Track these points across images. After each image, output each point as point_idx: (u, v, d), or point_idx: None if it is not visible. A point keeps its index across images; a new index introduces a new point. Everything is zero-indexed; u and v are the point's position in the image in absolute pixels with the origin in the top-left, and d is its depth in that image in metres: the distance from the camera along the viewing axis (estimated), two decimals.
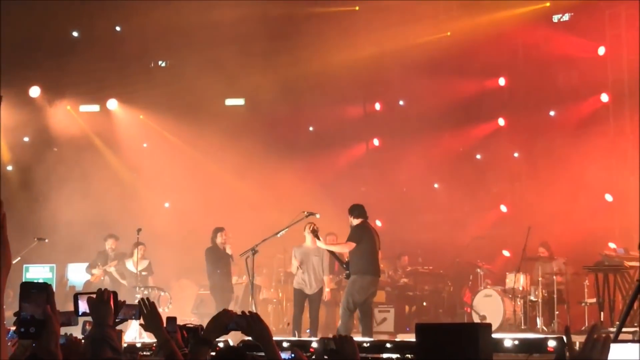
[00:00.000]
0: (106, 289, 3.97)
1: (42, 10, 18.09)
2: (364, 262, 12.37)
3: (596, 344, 3.02)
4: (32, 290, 3.07)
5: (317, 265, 13.51)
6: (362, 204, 12.80)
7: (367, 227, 12.58)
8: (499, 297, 15.17)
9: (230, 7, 18.43)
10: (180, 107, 20.04)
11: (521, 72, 19.37)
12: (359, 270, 12.34)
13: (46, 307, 3.02)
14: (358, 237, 12.39)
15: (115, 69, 19.97)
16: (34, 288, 3.07)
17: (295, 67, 19.60)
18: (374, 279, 12.47)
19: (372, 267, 12.43)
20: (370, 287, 12.41)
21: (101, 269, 15.63)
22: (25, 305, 3.06)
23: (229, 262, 14.67)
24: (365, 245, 12.38)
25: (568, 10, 18.66)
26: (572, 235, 16.69)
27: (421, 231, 18.53)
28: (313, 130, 21.58)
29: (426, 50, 18.68)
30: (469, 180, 19.44)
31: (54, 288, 3.38)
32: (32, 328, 3.06)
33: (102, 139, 20.54)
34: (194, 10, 18.52)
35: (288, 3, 19.19)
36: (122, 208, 18.53)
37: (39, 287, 3.07)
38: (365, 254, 12.39)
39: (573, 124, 18.59)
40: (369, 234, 12.50)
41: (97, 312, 3.90)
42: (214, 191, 19.33)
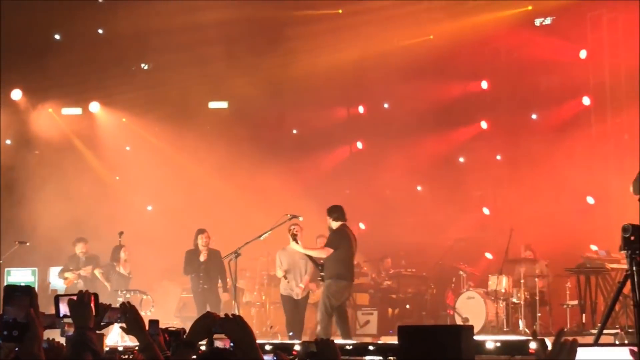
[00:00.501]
0: (87, 291, 3.95)
1: (24, 13, 17.99)
2: (340, 267, 12.33)
3: (563, 347, 3.18)
4: (16, 293, 3.06)
5: (304, 269, 13.53)
6: (342, 206, 12.74)
7: (346, 232, 12.51)
8: (482, 299, 15.20)
9: (214, 9, 18.41)
10: (163, 110, 19.99)
11: (503, 75, 19.47)
12: (334, 274, 12.28)
13: (29, 311, 3.00)
14: (336, 243, 12.36)
15: (98, 71, 19.88)
16: (17, 291, 3.06)
17: (278, 70, 19.62)
18: (348, 283, 12.49)
19: (347, 273, 12.42)
20: (345, 291, 12.43)
21: (75, 273, 15.49)
22: (8, 308, 3.04)
23: (211, 264, 14.51)
24: (343, 251, 12.34)
25: (550, 13, 18.75)
26: (554, 237, 16.76)
27: (404, 234, 18.56)
28: (297, 133, 21.59)
29: (409, 53, 18.75)
30: (451, 183, 19.48)
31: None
32: (15, 331, 3.05)
33: (84, 142, 20.45)
34: (177, 12, 18.48)
35: (272, 6, 19.18)
36: (105, 211, 18.45)
37: (23, 290, 3.06)
38: (342, 260, 12.35)
39: (555, 127, 18.70)
40: (347, 239, 12.46)
41: (78, 314, 3.88)
42: (197, 194, 19.31)
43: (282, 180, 18.90)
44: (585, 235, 16.64)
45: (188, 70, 19.62)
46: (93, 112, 20.48)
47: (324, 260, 12.42)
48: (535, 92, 18.98)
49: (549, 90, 18.66)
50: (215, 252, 14.57)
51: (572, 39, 18.21)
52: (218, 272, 14.47)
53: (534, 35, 18.76)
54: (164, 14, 18.47)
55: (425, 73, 19.16)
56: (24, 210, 18.22)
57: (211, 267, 14.48)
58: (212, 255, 14.54)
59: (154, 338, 4.72)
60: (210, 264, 14.49)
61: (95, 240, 16.68)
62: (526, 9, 18.30)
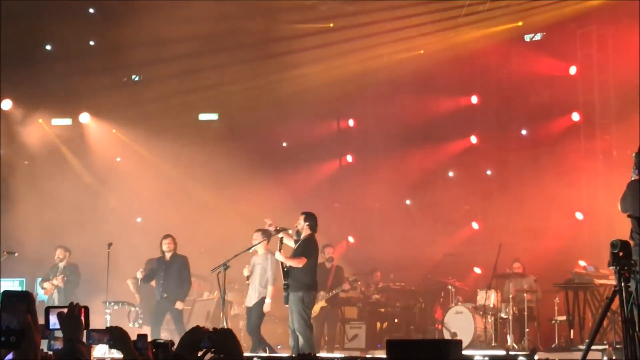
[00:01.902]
0: (77, 304, 3.95)
1: (15, 23, 17.98)
2: (310, 278, 12.30)
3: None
4: (13, 299, 3.04)
5: (259, 276, 13.39)
6: (314, 214, 12.69)
7: (315, 241, 12.55)
8: (470, 314, 15.22)
9: (204, 22, 18.43)
10: (154, 122, 19.96)
11: (493, 91, 19.55)
12: (305, 286, 12.22)
13: (27, 317, 2.99)
14: (310, 253, 12.32)
15: (88, 82, 19.84)
16: (14, 297, 3.04)
17: (269, 82, 19.66)
18: (316, 293, 12.76)
19: (315, 283, 12.46)
20: (314, 301, 12.70)
21: (51, 283, 15.42)
22: (5, 314, 3.03)
23: (172, 271, 14.25)
24: (312, 261, 12.37)
25: (540, 30, 18.84)
26: (543, 252, 16.83)
27: (393, 247, 18.55)
28: (287, 146, 21.59)
29: (399, 68, 18.83)
30: (441, 197, 19.52)
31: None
32: (12, 337, 3.04)
33: (73, 153, 20.40)
34: (168, 24, 18.48)
35: (263, 18, 19.22)
36: (94, 222, 18.40)
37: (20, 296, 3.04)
38: (311, 269, 12.34)
39: (544, 143, 18.77)
40: (316, 248, 12.55)
41: (68, 326, 3.87)
42: (187, 206, 19.29)
43: (272, 193, 18.89)
44: (573, 251, 16.71)
45: (178, 81, 19.62)
46: (83, 123, 20.44)
47: (288, 268, 12.26)
48: (525, 107, 19.04)
49: (538, 106, 18.71)
50: (180, 258, 14.38)
51: (562, 55, 18.30)
52: (179, 278, 14.22)
53: (524, 51, 18.85)
54: (155, 25, 18.45)
55: (416, 87, 19.24)
56: (12, 220, 18.15)
57: (172, 274, 14.23)
58: (176, 261, 14.33)
59: (142, 352, 4.70)
60: (173, 270, 14.25)
61: (84, 251, 16.66)
62: (516, 25, 18.38)
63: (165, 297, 14.10)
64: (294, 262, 12.33)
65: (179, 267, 14.25)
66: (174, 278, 14.19)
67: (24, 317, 3.07)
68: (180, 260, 14.34)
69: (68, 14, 18.80)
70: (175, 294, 14.16)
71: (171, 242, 14.39)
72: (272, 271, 13.36)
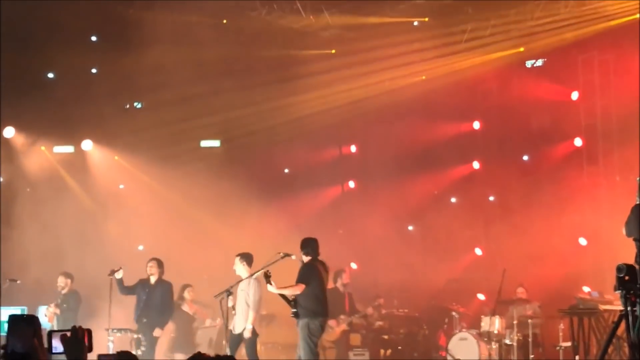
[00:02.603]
0: (80, 327, 3.91)
1: (18, 51, 18.04)
2: (314, 304, 12.27)
3: None
4: (20, 324, 3.02)
5: (244, 302, 13.24)
6: (315, 239, 12.66)
7: (315, 266, 12.45)
8: (475, 340, 15.15)
9: (206, 49, 18.51)
10: (156, 148, 19.96)
11: (495, 116, 19.55)
12: (310, 312, 12.21)
13: (33, 341, 2.97)
14: (307, 278, 12.27)
15: (90, 109, 19.86)
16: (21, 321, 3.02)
17: (270, 109, 19.67)
18: (323, 319, 12.43)
19: (321, 309, 12.34)
20: (322, 328, 12.38)
21: (50, 310, 15.31)
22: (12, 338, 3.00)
23: (155, 296, 14.08)
24: (314, 286, 12.29)
25: (541, 55, 18.89)
26: (547, 278, 16.77)
27: (396, 274, 18.51)
28: (289, 172, 21.59)
29: (401, 93, 18.84)
30: (443, 223, 19.46)
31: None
32: None
33: (76, 180, 20.40)
34: (170, 52, 18.55)
35: (264, 46, 19.28)
36: (96, 249, 18.34)
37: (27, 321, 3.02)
38: (314, 295, 12.29)
39: (547, 168, 18.77)
40: (317, 273, 12.40)
41: (72, 349, 3.83)
42: (189, 232, 19.21)
43: (274, 219, 18.85)
44: (577, 277, 16.69)
45: (180, 108, 19.63)
46: (85, 150, 20.45)
47: (296, 297, 12.26)
48: (527, 132, 19.05)
49: (540, 131, 18.74)
50: (164, 284, 14.23)
51: (564, 80, 18.34)
52: (161, 305, 14.05)
53: (526, 77, 18.89)
54: (157, 54, 18.52)
55: (418, 113, 19.26)
56: (14, 247, 18.10)
57: (155, 300, 14.06)
58: (160, 287, 14.18)
59: None
60: (156, 295, 14.09)
61: (86, 279, 16.60)
62: (518, 51, 18.42)
63: (144, 322, 13.90)
64: (288, 291, 12.29)
65: (162, 294, 14.11)
66: (157, 304, 14.04)
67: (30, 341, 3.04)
68: (165, 286, 14.20)
69: (70, 42, 18.85)
70: (156, 320, 13.98)
71: (154, 266, 14.23)
72: (255, 297, 13.17)
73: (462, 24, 18.27)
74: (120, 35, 18.79)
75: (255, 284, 13.12)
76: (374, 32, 18.40)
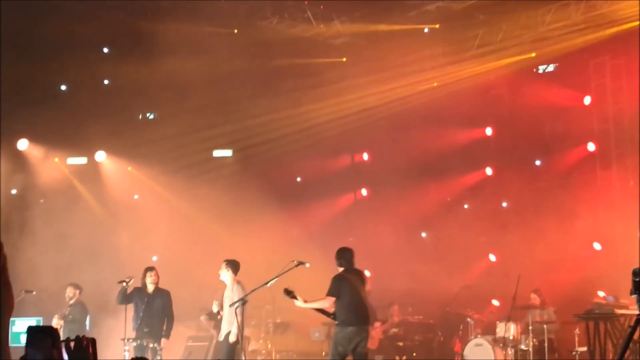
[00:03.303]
0: (84, 336, 3.93)
1: (30, 63, 18.13)
2: (346, 313, 12.25)
3: None
4: (38, 335, 3.04)
5: (227, 308, 13.17)
6: (348, 249, 12.70)
7: (344, 277, 12.41)
8: (490, 346, 15.11)
9: (217, 60, 18.55)
10: (169, 159, 20.02)
11: (508, 122, 19.52)
12: (341, 321, 12.23)
13: (52, 351, 2.99)
14: (336, 291, 12.30)
15: (103, 121, 19.94)
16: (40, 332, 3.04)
17: (282, 118, 19.68)
18: (355, 328, 12.24)
19: (353, 318, 12.29)
20: (354, 337, 12.22)
21: (54, 322, 15.31)
22: (30, 350, 3.02)
23: (154, 303, 13.98)
24: (345, 297, 12.25)
25: (553, 60, 18.86)
26: (562, 284, 16.72)
27: (410, 281, 18.48)
28: (301, 181, 21.61)
29: (413, 101, 18.84)
30: (457, 229, 19.43)
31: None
32: None
33: (89, 191, 20.46)
34: (181, 63, 18.61)
35: (276, 54, 19.32)
36: (110, 260, 18.37)
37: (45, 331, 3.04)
38: (345, 306, 12.26)
39: (560, 173, 18.73)
40: (347, 283, 12.37)
41: (77, 359, 3.84)
42: (202, 242, 19.25)
43: (287, 228, 18.87)
44: (592, 282, 16.60)
45: (192, 118, 19.68)
46: (99, 161, 20.51)
47: (335, 308, 12.33)
48: (540, 138, 19.00)
49: (553, 137, 18.68)
50: (163, 293, 14.19)
51: (576, 85, 18.29)
52: (162, 314, 13.97)
53: (538, 82, 18.86)
54: (168, 64, 18.59)
55: (430, 120, 19.24)
56: (29, 258, 18.16)
57: (155, 309, 14.01)
58: (159, 296, 14.15)
59: None
60: (156, 304, 14.04)
61: (100, 290, 16.64)
62: (529, 56, 18.37)
63: (146, 331, 13.84)
64: (317, 304, 12.41)
65: (162, 302, 14.04)
66: (158, 313, 13.98)
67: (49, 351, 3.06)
68: (164, 295, 14.14)
69: (82, 53, 18.95)
70: (159, 329, 13.94)
71: (156, 275, 14.22)
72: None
73: (472, 30, 18.29)
74: (132, 46, 18.88)
75: (239, 289, 13.07)
76: (385, 39, 18.44)
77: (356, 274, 12.59)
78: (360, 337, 12.27)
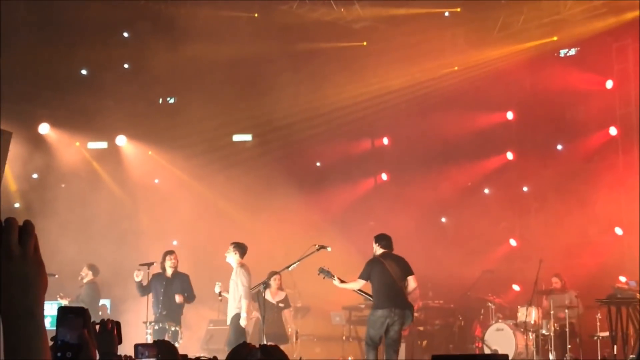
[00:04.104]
0: (109, 319, 3.95)
1: (52, 49, 18.19)
2: (376, 297, 12.45)
3: None
4: (69, 315, 3.04)
5: (233, 291, 13.19)
6: (385, 235, 12.89)
7: (377, 261, 12.54)
8: (511, 330, 15.08)
9: (238, 44, 18.53)
10: (188, 143, 20.06)
11: (529, 106, 19.40)
12: (373, 305, 12.48)
13: (83, 332, 2.99)
14: (366, 274, 12.48)
15: (124, 105, 20.00)
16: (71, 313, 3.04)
17: (302, 102, 19.68)
18: (385, 311, 12.30)
19: (382, 301, 12.37)
20: (384, 320, 12.29)
21: (59, 300, 15.38)
22: (61, 330, 3.03)
23: (172, 286, 14.02)
24: (375, 281, 12.43)
25: (575, 44, 18.73)
26: (583, 268, 16.67)
27: (431, 266, 18.40)
28: (320, 165, 21.60)
29: (434, 85, 18.77)
30: (477, 214, 19.36)
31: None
32: (68, 353, 3.03)
33: (110, 175, 20.54)
34: (202, 47, 18.60)
35: (297, 39, 19.27)
36: (130, 245, 18.46)
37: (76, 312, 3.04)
38: (376, 290, 12.44)
39: (582, 158, 18.62)
40: (379, 267, 12.46)
41: (102, 342, 3.86)
42: (223, 226, 19.27)
43: (307, 212, 18.88)
44: (614, 266, 16.53)
45: (212, 103, 19.69)
46: (119, 146, 20.57)
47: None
48: (561, 122, 18.87)
49: (575, 121, 18.55)
50: (182, 275, 14.21)
51: (598, 69, 18.16)
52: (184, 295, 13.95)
53: (559, 66, 18.74)
54: (188, 48, 18.60)
55: (450, 104, 19.16)
56: (50, 243, 18.25)
57: (174, 292, 14.02)
58: (178, 278, 14.14)
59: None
60: (175, 288, 14.06)
61: (122, 274, 16.72)
62: (551, 40, 18.24)
63: (165, 314, 13.90)
64: (350, 285, 12.70)
65: (182, 285, 14.10)
66: (176, 296, 14.04)
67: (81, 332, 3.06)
68: (183, 278, 14.18)
69: (103, 38, 18.99)
70: (179, 313, 14.00)
71: (175, 259, 14.26)
72: (244, 285, 13.04)
73: (494, 13, 18.19)
74: (151, 30, 18.90)
75: (243, 273, 13.08)
76: (405, 23, 18.35)
77: (395, 260, 12.64)
78: (392, 320, 12.29)
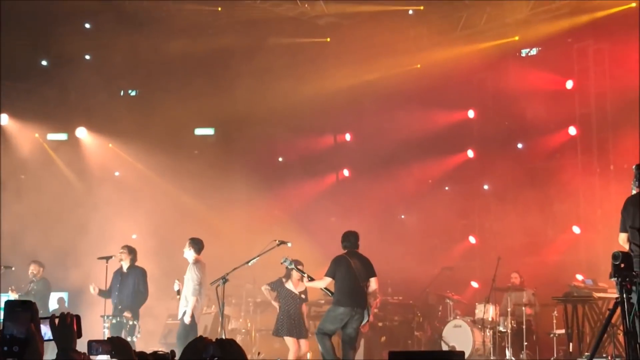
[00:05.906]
0: (69, 313, 3.91)
1: (12, 39, 17.98)
2: (338, 294, 12.47)
3: None
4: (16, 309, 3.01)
5: (186, 287, 13.08)
6: (354, 232, 12.91)
7: (342, 259, 12.58)
8: (468, 327, 15.19)
9: (200, 37, 18.47)
10: (150, 136, 19.91)
11: (490, 105, 19.54)
12: (334, 301, 12.50)
13: (30, 326, 2.96)
14: (331, 272, 12.52)
15: (84, 97, 19.83)
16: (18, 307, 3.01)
17: (264, 97, 19.63)
18: (346, 309, 12.35)
19: (345, 299, 12.41)
20: (343, 317, 12.34)
21: (11, 294, 15.27)
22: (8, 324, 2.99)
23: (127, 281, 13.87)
24: (339, 279, 12.46)
25: (536, 44, 18.85)
26: (541, 266, 16.83)
27: (390, 262, 18.48)
28: (283, 161, 21.59)
29: (396, 82, 18.81)
30: (438, 211, 19.46)
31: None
32: (15, 347, 3.00)
33: (70, 167, 20.35)
34: (164, 40, 18.51)
35: (258, 34, 19.23)
36: (89, 238, 18.30)
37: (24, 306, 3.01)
38: (339, 287, 12.47)
39: (542, 157, 18.77)
40: (344, 266, 12.49)
41: (61, 335, 3.82)
42: (184, 221, 19.19)
43: (269, 207, 18.86)
44: (571, 265, 16.72)
45: (174, 96, 19.59)
46: (79, 137, 20.39)
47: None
48: (522, 121, 18.98)
49: (535, 120, 18.66)
50: (137, 270, 13.99)
51: (559, 69, 18.29)
52: (134, 291, 13.80)
53: (521, 66, 18.86)
54: (151, 41, 18.48)
55: (412, 101, 19.21)
56: (8, 235, 18.07)
57: (127, 286, 13.87)
58: (132, 273, 13.97)
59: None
60: (129, 282, 13.91)
61: (81, 267, 16.60)
62: (513, 40, 18.36)
63: (120, 309, 13.78)
64: (316, 284, 12.79)
65: (135, 279, 13.94)
66: (129, 290, 13.86)
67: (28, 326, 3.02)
68: (137, 272, 14.00)
69: (64, 29, 18.79)
70: (134, 307, 13.82)
71: (124, 252, 14.08)
72: (194, 282, 12.96)
73: (457, 12, 18.29)
74: (114, 22, 18.72)
75: (196, 269, 13.01)
76: (369, 20, 18.38)
77: (360, 259, 12.67)
78: (350, 318, 12.35)
